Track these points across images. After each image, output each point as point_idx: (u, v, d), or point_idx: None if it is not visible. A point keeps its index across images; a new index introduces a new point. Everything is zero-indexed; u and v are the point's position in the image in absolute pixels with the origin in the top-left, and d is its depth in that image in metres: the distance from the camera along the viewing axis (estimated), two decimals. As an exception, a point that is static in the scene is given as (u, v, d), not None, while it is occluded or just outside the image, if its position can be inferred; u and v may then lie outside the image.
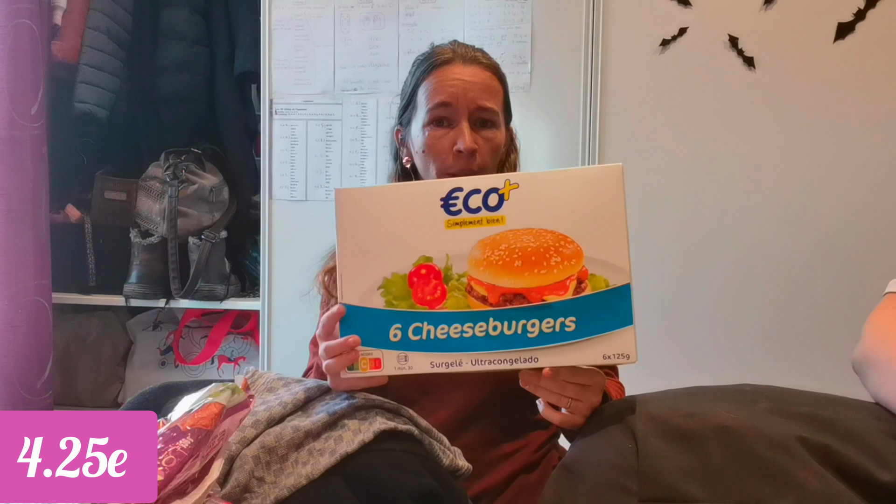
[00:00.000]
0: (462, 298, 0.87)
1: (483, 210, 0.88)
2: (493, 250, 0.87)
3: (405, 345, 0.88)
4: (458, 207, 0.88)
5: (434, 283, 0.88)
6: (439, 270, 0.88)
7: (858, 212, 1.82)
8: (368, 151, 1.97)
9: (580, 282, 0.85)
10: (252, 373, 0.97)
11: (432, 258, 0.88)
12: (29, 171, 1.93)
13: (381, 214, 0.90)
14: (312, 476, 0.81)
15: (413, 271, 0.88)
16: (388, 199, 0.91)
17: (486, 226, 0.88)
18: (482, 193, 0.88)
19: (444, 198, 0.89)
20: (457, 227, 0.88)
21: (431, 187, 0.91)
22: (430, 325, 0.87)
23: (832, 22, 1.80)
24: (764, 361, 1.84)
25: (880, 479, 0.75)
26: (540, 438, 1.15)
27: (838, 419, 0.80)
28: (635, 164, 1.86)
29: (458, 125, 1.10)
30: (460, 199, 0.88)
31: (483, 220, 0.88)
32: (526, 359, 0.86)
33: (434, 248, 0.88)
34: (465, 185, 0.89)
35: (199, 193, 2.11)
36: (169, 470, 0.69)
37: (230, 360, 2.18)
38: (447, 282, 0.87)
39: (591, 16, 1.87)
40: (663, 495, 0.77)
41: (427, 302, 0.88)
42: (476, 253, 0.87)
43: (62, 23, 2.03)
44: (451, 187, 0.89)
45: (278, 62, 1.99)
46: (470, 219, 0.88)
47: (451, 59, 1.13)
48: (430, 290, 0.88)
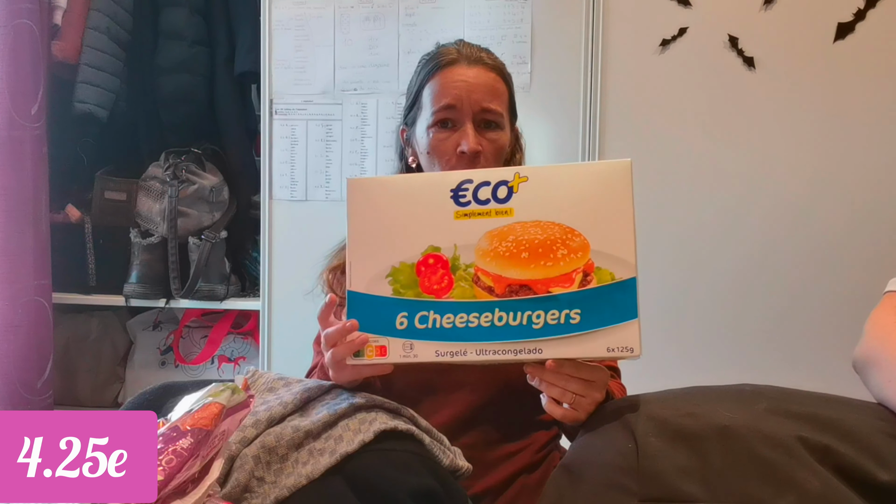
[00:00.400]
0: (469, 288, 0.88)
1: (492, 202, 0.89)
2: (501, 241, 0.88)
3: (411, 333, 0.88)
4: (468, 199, 0.89)
5: (441, 272, 0.88)
6: (447, 260, 0.88)
7: (858, 211, 1.82)
8: (368, 151, 1.97)
9: (586, 274, 0.86)
10: (252, 373, 0.97)
11: (440, 248, 0.89)
12: (29, 171, 1.93)
13: (391, 204, 0.91)
14: (313, 476, 0.81)
15: (421, 260, 0.89)
16: (398, 190, 0.92)
17: (494, 217, 0.88)
18: (492, 185, 0.89)
19: (454, 189, 0.90)
20: (465, 218, 0.89)
21: (442, 178, 0.92)
22: (436, 313, 0.88)
23: (832, 22, 1.80)
24: (769, 362, 1.84)
25: (880, 479, 0.75)
26: (542, 439, 1.15)
27: (838, 419, 0.80)
28: (635, 164, 1.85)
29: (463, 127, 1.10)
30: (470, 190, 0.89)
31: (492, 211, 0.89)
32: (530, 350, 0.86)
33: (442, 239, 0.89)
34: (475, 178, 0.90)
35: (199, 193, 2.11)
36: (169, 470, 0.69)
37: (230, 360, 2.18)
38: (454, 272, 0.88)
39: (591, 16, 1.87)
40: (663, 495, 0.77)
41: (434, 291, 0.88)
42: (484, 244, 0.88)
43: (62, 23, 2.03)
44: (462, 179, 0.90)
45: (278, 62, 1.99)
46: (479, 210, 0.89)
47: (456, 60, 1.12)
48: (437, 280, 0.88)
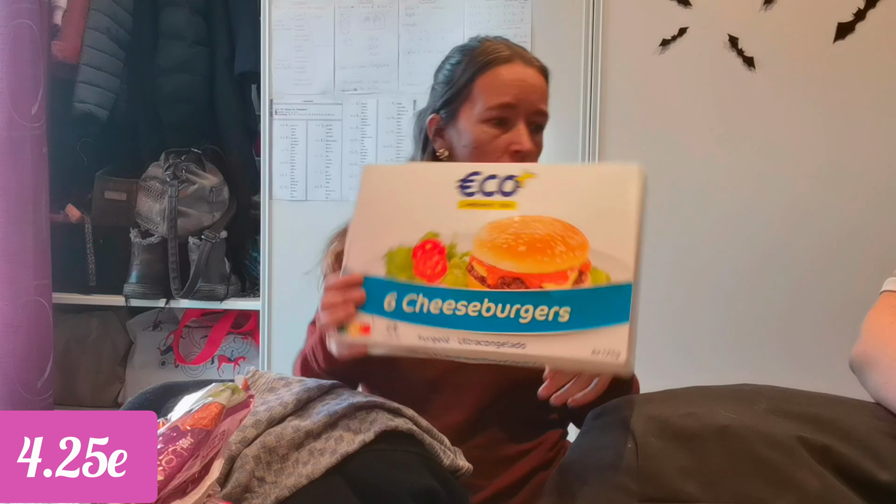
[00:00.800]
0: (461, 276, 0.86)
1: (497, 194, 0.88)
2: (501, 233, 0.86)
3: (398, 315, 0.87)
4: (473, 189, 0.89)
5: (437, 258, 0.87)
6: (444, 247, 0.87)
7: (858, 211, 1.82)
8: (368, 151, 1.97)
9: (581, 274, 0.83)
10: (252, 373, 0.97)
11: (439, 234, 0.88)
12: (29, 171, 1.93)
13: (398, 190, 0.92)
14: (313, 476, 0.81)
15: (419, 245, 0.88)
16: (408, 177, 0.93)
17: (497, 209, 0.88)
18: (499, 179, 0.88)
19: (462, 179, 0.89)
20: (469, 208, 0.88)
21: (451, 168, 0.92)
22: (424, 297, 0.86)
23: (832, 22, 1.80)
24: (769, 362, 1.84)
25: (880, 479, 0.75)
26: (553, 438, 1.15)
27: (838, 419, 0.80)
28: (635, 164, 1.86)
29: (516, 126, 1.10)
30: (477, 181, 0.89)
31: (495, 203, 0.88)
32: (513, 343, 0.83)
33: (443, 226, 0.88)
34: (484, 170, 0.90)
35: (199, 193, 2.11)
36: (169, 470, 0.69)
37: (230, 360, 2.18)
38: (450, 259, 0.87)
39: (591, 16, 1.87)
40: (663, 495, 0.77)
41: (427, 276, 0.87)
42: (483, 234, 0.87)
43: (62, 23, 2.03)
44: (471, 170, 0.90)
45: (278, 62, 1.99)
46: (483, 201, 0.88)
47: (511, 58, 1.11)
48: (431, 265, 0.87)
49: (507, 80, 1.10)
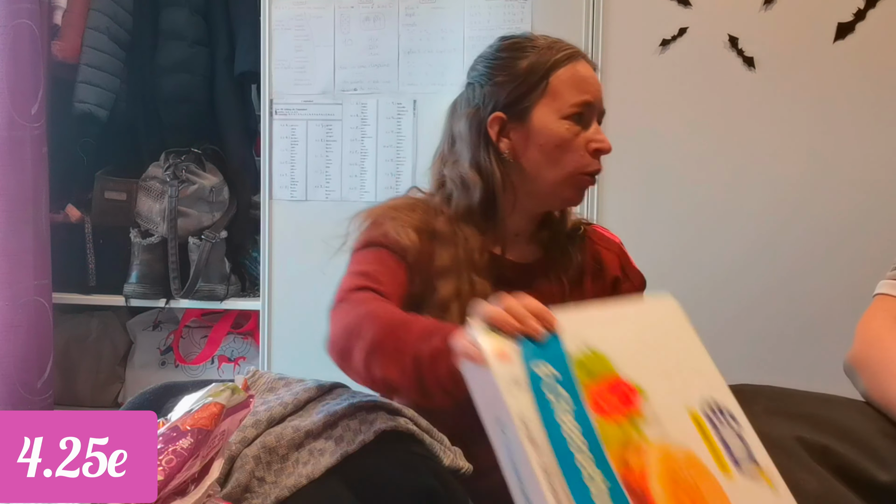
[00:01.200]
0: (621, 437, 0.71)
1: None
2: (678, 471, 0.72)
3: (533, 382, 0.70)
4: (713, 422, 0.77)
5: (620, 401, 0.73)
6: (637, 405, 0.74)
7: (858, 211, 1.82)
8: (368, 151, 1.97)
9: None
10: (252, 373, 0.97)
11: (645, 393, 0.75)
12: (29, 171, 1.93)
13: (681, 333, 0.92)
14: (313, 476, 0.81)
15: (623, 376, 0.75)
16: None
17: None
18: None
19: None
20: (693, 421, 0.75)
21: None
22: (572, 407, 0.70)
23: (832, 22, 1.80)
24: (768, 362, 1.84)
25: (879, 479, 0.75)
26: None
27: (837, 419, 0.80)
28: (635, 164, 1.86)
29: (591, 125, 1.09)
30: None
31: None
32: None
33: (656, 393, 0.75)
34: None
35: (199, 193, 2.11)
36: (169, 470, 0.69)
37: (230, 360, 2.18)
38: (630, 418, 0.72)
39: (591, 16, 1.87)
40: (663, 495, 0.77)
41: (594, 399, 0.72)
42: (669, 449, 0.72)
43: (62, 23, 2.03)
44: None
45: (278, 62, 1.99)
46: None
47: (578, 55, 1.10)
48: (609, 398, 0.72)
49: (585, 77, 1.09)
